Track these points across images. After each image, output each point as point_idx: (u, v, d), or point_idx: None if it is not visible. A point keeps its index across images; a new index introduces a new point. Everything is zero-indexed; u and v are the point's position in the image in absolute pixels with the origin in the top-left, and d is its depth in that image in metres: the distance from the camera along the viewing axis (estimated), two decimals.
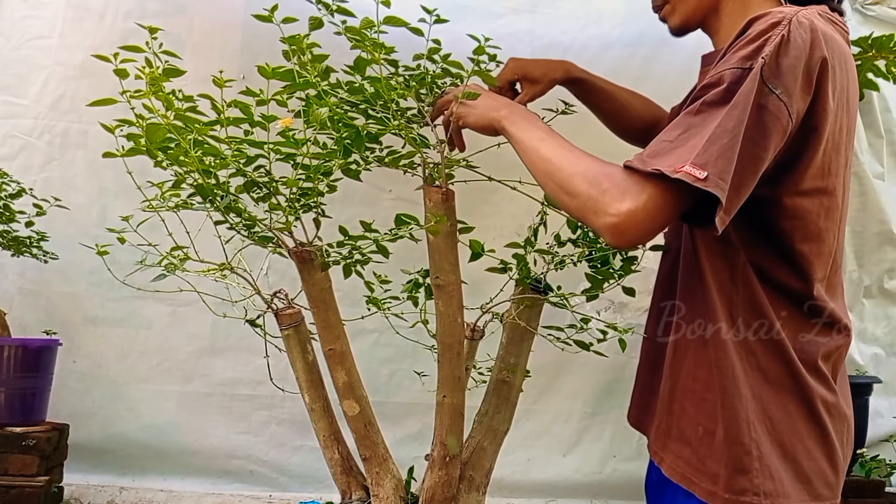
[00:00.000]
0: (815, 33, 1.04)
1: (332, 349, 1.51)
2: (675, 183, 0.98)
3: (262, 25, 1.35)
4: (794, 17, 1.04)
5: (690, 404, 1.18)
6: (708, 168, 0.96)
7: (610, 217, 1.01)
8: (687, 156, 0.97)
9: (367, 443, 1.53)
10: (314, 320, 1.52)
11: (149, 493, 2.60)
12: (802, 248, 1.10)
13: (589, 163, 1.09)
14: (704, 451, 1.14)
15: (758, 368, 1.12)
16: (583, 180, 1.06)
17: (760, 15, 1.06)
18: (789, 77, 1.01)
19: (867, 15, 2.93)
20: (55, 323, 2.50)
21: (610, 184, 1.02)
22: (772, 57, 1.00)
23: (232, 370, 2.61)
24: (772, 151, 1.02)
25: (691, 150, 0.98)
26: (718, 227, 0.99)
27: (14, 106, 2.55)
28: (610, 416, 2.77)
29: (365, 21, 1.30)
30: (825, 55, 1.04)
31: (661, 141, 1.04)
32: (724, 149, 0.97)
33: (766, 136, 1.00)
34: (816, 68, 1.03)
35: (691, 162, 0.96)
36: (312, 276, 1.48)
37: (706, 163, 0.96)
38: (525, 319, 1.60)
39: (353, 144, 1.39)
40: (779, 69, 1.00)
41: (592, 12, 2.75)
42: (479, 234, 1.56)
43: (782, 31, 1.01)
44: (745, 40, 1.03)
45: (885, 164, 2.97)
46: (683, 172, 0.96)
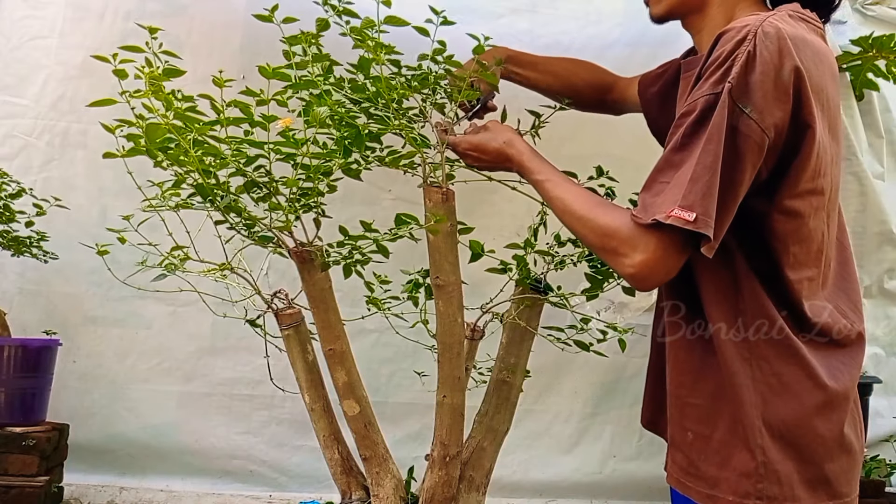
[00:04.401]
0: (782, 42, 1.05)
1: (332, 349, 1.51)
2: (668, 227, 1.05)
3: (262, 25, 1.35)
4: (759, 28, 1.05)
5: (679, 409, 1.18)
6: (695, 209, 1.03)
7: (628, 268, 1.09)
8: (675, 198, 1.05)
9: (367, 443, 1.53)
10: (314, 320, 1.52)
11: (149, 493, 2.60)
12: (795, 250, 1.12)
13: (599, 214, 1.16)
14: (696, 456, 1.14)
15: (761, 369, 1.10)
16: (596, 235, 1.15)
17: (727, 30, 1.08)
18: (758, 93, 1.04)
19: (867, 15, 2.93)
20: (55, 323, 2.50)
21: (618, 241, 1.11)
22: (739, 76, 1.04)
23: (232, 370, 2.61)
24: (749, 172, 1.06)
25: (678, 193, 1.05)
26: (707, 255, 1.06)
27: (14, 106, 2.55)
28: (610, 416, 2.77)
29: (366, 21, 1.30)
30: (796, 63, 1.06)
31: (655, 182, 1.10)
32: (706, 186, 1.03)
33: (742, 160, 1.05)
34: (791, 78, 1.05)
35: (679, 205, 1.04)
36: (312, 276, 1.48)
37: (692, 204, 1.03)
38: (525, 319, 1.60)
39: (354, 144, 1.40)
40: (747, 87, 1.04)
41: (592, 12, 2.75)
42: (479, 235, 1.56)
43: (748, 48, 1.04)
44: (715, 64, 1.07)
45: (885, 164, 2.97)
46: (674, 217, 1.04)
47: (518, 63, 1.64)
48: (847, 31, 2.81)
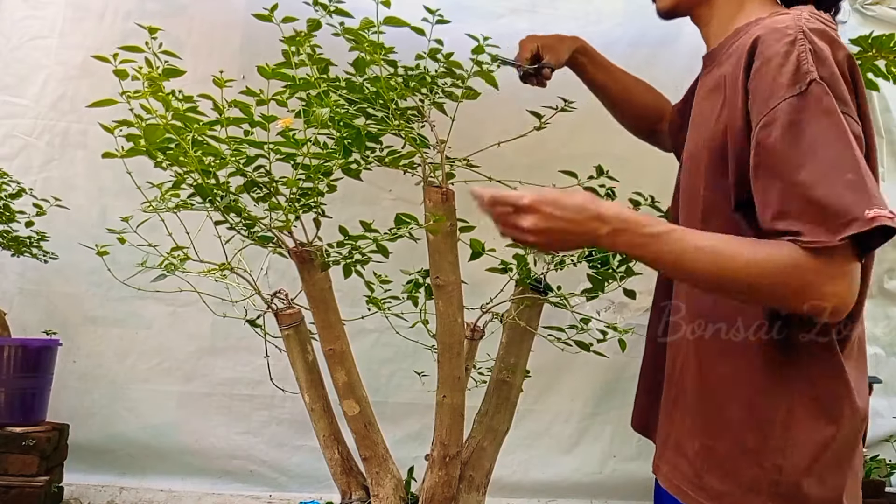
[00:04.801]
0: (826, 34, 1.02)
1: (332, 349, 1.51)
2: (861, 235, 0.90)
3: (262, 25, 1.35)
4: (804, 25, 1.01)
5: (689, 415, 1.13)
6: (882, 204, 0.90)
7: (831, 301, 0.93)
8: (856, 198, 0.90)
9: (367, 443, 1.53)
10: (314, 320, 1.52)
11: (149, 493, 2.60)
12: None
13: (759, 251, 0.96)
14: (701, 466, 1.09)
15: (765, 373, 1.05)
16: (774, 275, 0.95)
17: (766, 32, 1.02)
18: (839, 85, 0.98)
19: (867, 15, 2.93)
20: (55, 323, 2.50)
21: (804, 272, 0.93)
22: (818, 69, 0.97)
23: (232, 370, 2.61)
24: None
25: (860, 190, 0.90)
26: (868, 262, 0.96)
27: (14, 106, 2.55)
28: (610, 416, 2.77)
29: (364, 21, 1.30)
30: (847, 52, 1.03)
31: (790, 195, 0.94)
32: (869, 175, 0.92)
33: None
34: (846, 66, 1.01)
35: (873, 204, 0.89)
36: (312, 276, 1.48)
37: (878, 198, 0.90)
38: (525, 319, 1.60)
39: (354, 144, 1.40)
40: (828, 80, 0.97)
41: (592, 12, 2.75)
42: (479, 234, 1.56)
43: (807, 45, 0.98)
44: (773, 64, 0.99)
45: (885, 164, 2.97)
46: (882, 218, 0.88)
47: (591, 59, 1.60)
48: (847, 31, 2.80)
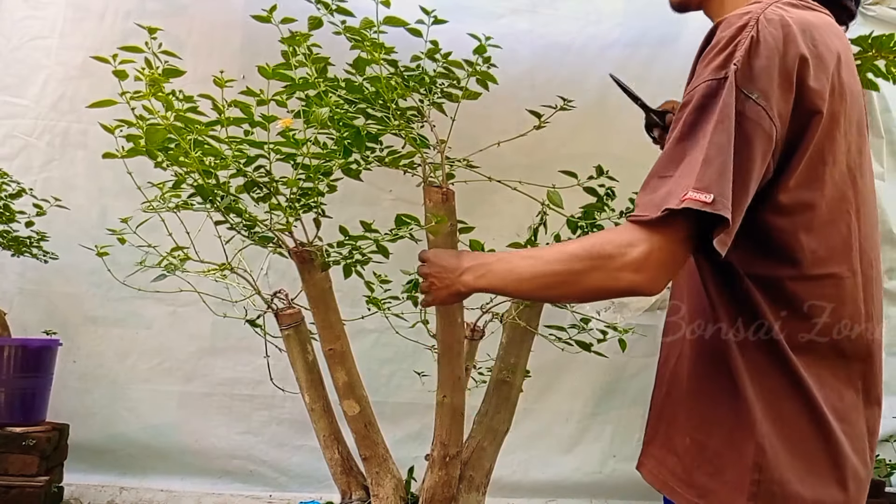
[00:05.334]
0: (786, 28, 1.01)
1: (333, 349, 1.51)
2: (681, 214, 0.94)
3: (262, 25, 1.35)
4: (762, 14, 1.01)
5: (682, 410, 1.13)
6: (712, 190, 0.93)
7: (629, 270, 0.97)
8: (687, 182, 0.95)
9: (367, 443, 1.53)
10: (314, 320, 1.52)
11: (149, 493, 2.60)
12: (808, 244, 1.04)
13: (574, 245, 1.05)
14: (691, 463, 1.09)
15: (762, 373, 1.05)
16: (581, 260, 1.01)
17: (724, 19, 1.03)
18: (764, 79, 0.99)
19: (867, 15, 2.93)
20: (55, 323, 2.50)
21: (610, 248, 0.99)
22: (743, 61, 0.98)
23: (232, 370, 2.61)
24: (759, 161, 0.99)
25: (690, 176, 0.95)
26: (721, 250, 0.96)
27: (14, 106, 2.55)
28: (610, 416, 2.77)
29: (365, 21, 1.30)
30: (801, 51, 1.01)
31: (657, 177, 1.00)
32: (721, 167, 0.95)
33: (751, 147, 0.98)
34: (794, 66, 1.00)
35: (693, 187, 0.94)
36: (312, 276, 1.48)
37: (709, 185, 0.94)
38: (525, 319, 1.60)
39: (354, 144, 1.40)
40: (752, 72, 0.98)
41: (592, 12, 2.75)
42: (479, 234, 1.56)
43: (751, 33, 0.99)
44: (716, 50, 1.01)
45: (885, 164, 2.97)
46: (689, 200, 0.93)
47: None
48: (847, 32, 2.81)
